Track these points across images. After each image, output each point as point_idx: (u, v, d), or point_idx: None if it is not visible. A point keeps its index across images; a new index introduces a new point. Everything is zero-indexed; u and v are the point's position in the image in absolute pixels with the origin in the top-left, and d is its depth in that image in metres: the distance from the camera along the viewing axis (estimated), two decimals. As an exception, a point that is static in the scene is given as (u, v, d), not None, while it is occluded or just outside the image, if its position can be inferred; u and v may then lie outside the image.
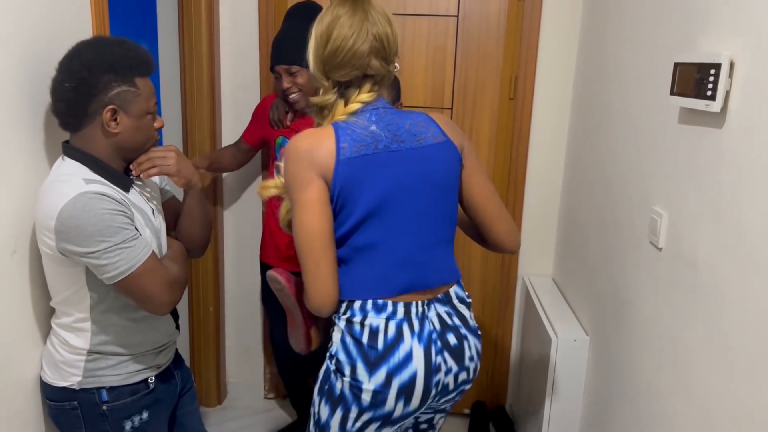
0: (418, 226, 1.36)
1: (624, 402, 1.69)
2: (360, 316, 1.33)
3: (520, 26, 2.41)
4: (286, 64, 2.09)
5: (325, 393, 1.37)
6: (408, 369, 1.30)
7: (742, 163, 1.14)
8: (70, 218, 1.22)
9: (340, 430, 1.36)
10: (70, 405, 1.39)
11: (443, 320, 1.38)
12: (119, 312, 1.39)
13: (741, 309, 1.13)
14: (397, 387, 1.30)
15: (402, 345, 1.31)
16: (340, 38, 1.30)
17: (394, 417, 1.34)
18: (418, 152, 1.35)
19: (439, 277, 1.40)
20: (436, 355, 1.34)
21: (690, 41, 1.37)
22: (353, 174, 1.29)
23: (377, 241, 1.33)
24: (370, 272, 1.34)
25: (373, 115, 1.35)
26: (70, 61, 1.29)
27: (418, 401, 1.33)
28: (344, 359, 1.32)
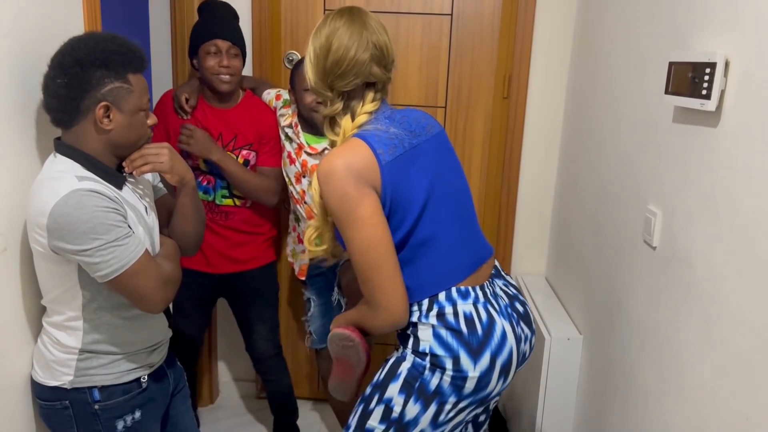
0: (456, 208, 1.41)
1: (617, 401, 1.69)
2: (450, 307, 1.33)
3: (514, 25, 2.41)
4: (231, 41, 2.03)
5: (415, 391, 1.33)
6: (506, 347, 1.34)
7: (737, 162, 1.14)
8: (63, 216, 1.21)
9: (430, 424, 1.34)
10: (61, 404, 1.38)
11: (507, 293, 1.44)
12: (112, 310, 1.37)
13: (736, 308, 1.13)
14: (499, 367, 1.33)
15: (496, 326, 1.33)
16: (341, 49, 1.32)
17: (490, 396, 1.36)
18: (432, 142, 1.41)
19: (485, 250, 1.46)
20: (517, 326, 1.39)
21: (685, 40, 1.38)
22: (398, 176, 1.31)
23: (434, 233, 1.35)
24: (439, 263, 1.35)
25: (386, 119, 1.38)
26: (62, 57, 1.28)
27: (512, 375, 1.37)
28: (443, 353, 1.31)
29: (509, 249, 2.64)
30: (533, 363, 2.20)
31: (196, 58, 2.06)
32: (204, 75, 2.05)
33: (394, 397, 1.35)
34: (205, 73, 2.04)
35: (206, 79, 2.06)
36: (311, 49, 1.37)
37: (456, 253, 1.37)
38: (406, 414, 1.34)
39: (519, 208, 2.60)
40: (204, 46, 2.01)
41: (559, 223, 2.46)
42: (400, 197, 1.31)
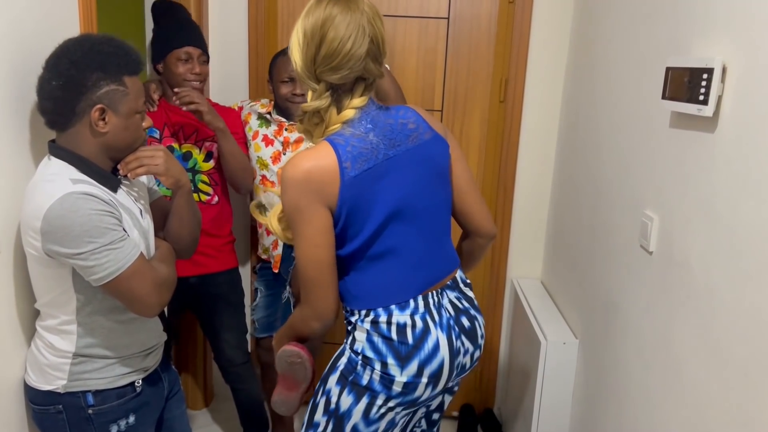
0: (425, 222, 1.38)
1: (613, 405, 1.69)
2: (385, 316, 1.35)
3: (511, 29, 2.42)
4: (202, 49, 2.05)
5: (348, 383, 1.37)
6: (437, 358, 1.36)
7: (734, 167, 1.14)
8: (57, 219, 1.20)
9: (362, 418, 1.38)
10: (54, 409, 1.37)
11: (455, 305, 1.43)
12: (106, 314, 1.36)
13: (733, 313, 1.13)
14: (427, 376, 1.35)
15: (429, 337, 1.35)
16: (336, 40, 1.23)
17: (419, 401, 1.40)
18: (414, 152, 1.35)
19: (447, 267, 1.45)
20: (456, 339, 1.40)
21: (682, 45, 1.38)
22: (360, 192, 1.28)
23: (392, 248, 1.35)
24: (389, 278, 1.36)
25: (368, 122, 1.32)
26: (57, 59, 1.27)
27: (443, 384, 1.40)
28: (373, 356, 1.35)
29: (505, 252, 2.64)
30: (529, 367, 2.20)
31: (162, 64, 2.05)
32: (172, 81, 2.05)
33: (332, 388, 1.40)
34: (174, 79, 2.04)
35: (174, 85, 2.05)
36: (301, 31, 1.27)
37: (410, 271, 1.37)
38: (341, 405, 1.38)
39: (515, 211, 2.60)
40: (175, 52, 2.01)
41: (555, 227, 2.46)
42: (358, 211, 1.30)
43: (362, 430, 1.39)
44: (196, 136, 2.13)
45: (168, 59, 2.02)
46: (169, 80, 2.06)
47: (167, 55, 2.02)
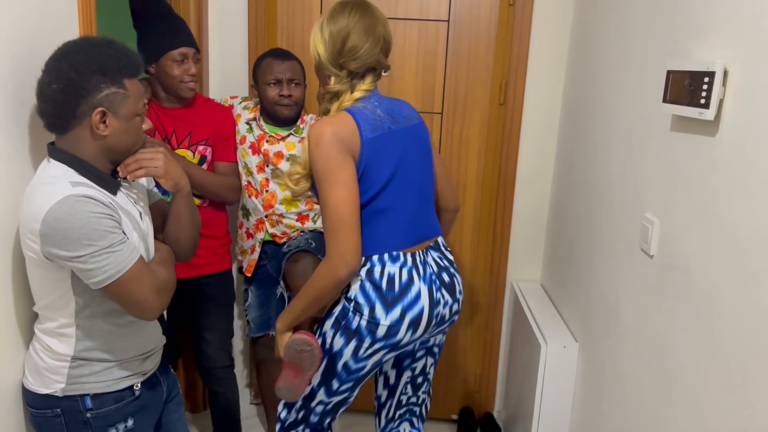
0: (417, 190, 1.65)
1: (614, 409, 1.69)
2: (379, 266, 1.57)
3: (511, 32, 2.42)
4: (195, 49, 2.01)
5: (341, 327, 1.60)
6: (418, 305, 1.58)
7: (735, 171, 1.14)
8: (56, 221, 1.19)
9: (352, 356, 1.61)
10: (53, 412, 1.36)
11: (438, 263, 1.67)
12: (105, 317, 1.36)
13: (734, 317, 1.13)
14: (408, 320, 1.57)
15: (413, 287, 1.58)
16: (358, 42, 1.54)
17: (401, 344, 1.61)
18: (409, 131, 1.64)
19: (431, 231, 1.70)
20: (437, 291, 1.62)
21: (682, 49, 1.38)
22: (374, 151, 1.53)
23: (390, 206, 1.58)
24: (386, 231, 1.58)
25: (375, 101, 1.60)
26: (57, 62, 1.26)
27: (422, 330, 1.61)
28: (363, 301, 1.57)
29: (505, 255, 2.63)
30: (529, 370, 2.19)
31: (155, 65, 1.99)
32: (166, 82, 2.01)
33: (327, 330, 1.63)
34: (170, 81, 2.00)
35: (168, 86, 2.01)
36: (327, 32, 1.56)
37: (404, 227, 1.61)
38: (334, 345, 1.61)
39: (515, 214, 2.60)
40: (170, 54, 1.96)
41: (555, 230, 2.45)
42: (371, 169, 1.53)
43: (352, 366, 1.63)
44: (190, 140, 2.10)
45: (162, 61, 1.97)
46: (163, 82, 2.02)
47: (161, 57, 1.97)
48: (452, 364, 2.80)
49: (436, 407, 2.84)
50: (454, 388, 2.82)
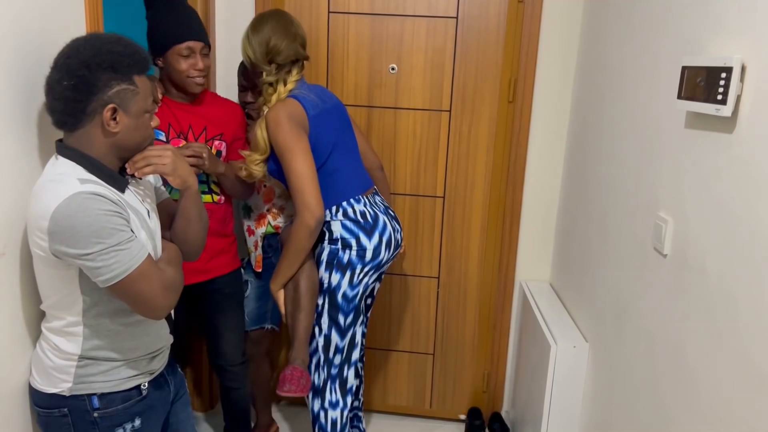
0: (352, 152, 2.07)
1: (625, 411, 1.66)
2: (350, 208, 1.98)
3: (520, 28, 2.39)
4: (204, 42, 1.97)
5: (334, 266, 1.97)
6: (387, 230, 2.01)
7: (753, 169, 1.12)
8: (65, 219, 1.18)
9: (348, 285, 1.97)
10: (59, 412, 1.35)
11: (383, 203, 2.11)
12: (112, 316, 1.35)
13: (751, 318, 1.10)
14: (385, 242, 2.00)
15: (379, 218, 2.01)
16: (277, 40, 1.92)
17: (383, 263, 2.02)
18: (336, 108, 2.03)
19: (369, 182, 2.11)
20: (391, 221, 2.06)
21: (698, 44, 1.35)
22: (318, 125, 1.91)
23: (339, 165, 1.98)
24: (343, 184, 1.98)
25: (305, 88, 1.96)
26: (68, 59, 1.25)
27: (393, 248, 2.04)
28: (348, 236, 1.96)
29: (513, 254, 2.61)
30: (538, 370, 2.17)
31: (162, 59, 1.97)
32: (175, 77, 1.98)
33: (323, 274, 1.98)
34: (177, 76, 1.97)
35: (176, 81, 1.99)
36: (254, 40, 1.93)
37: (353, 180, 2.02)
38: (332, 283, 1.97)
39: (524, 213, 2.58)
40: (176, 48, 1.93)
41: (564, 229, 2.43)
42: (318, 141, 1.91)
43: (349, 294, 1.98)
44: (206, 135, 2.08)
45: (169, 55, 1.94)
46: (171, 76, 1.99)
47: (168, 51, 1.94)
48: (461, 364, 2.78)
49: (443, 407, 2.83)
50: (463, 387, 2.81)
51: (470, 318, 2.72)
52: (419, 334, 2.77)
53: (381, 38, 2.47)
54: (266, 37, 1.91)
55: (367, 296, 2.19)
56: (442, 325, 2.74)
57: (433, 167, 2.58)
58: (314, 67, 2.52)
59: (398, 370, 2.82)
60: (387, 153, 2.58)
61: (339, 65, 2.51)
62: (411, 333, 2.76)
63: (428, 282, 2.70)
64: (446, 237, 2.65)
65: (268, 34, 1.92)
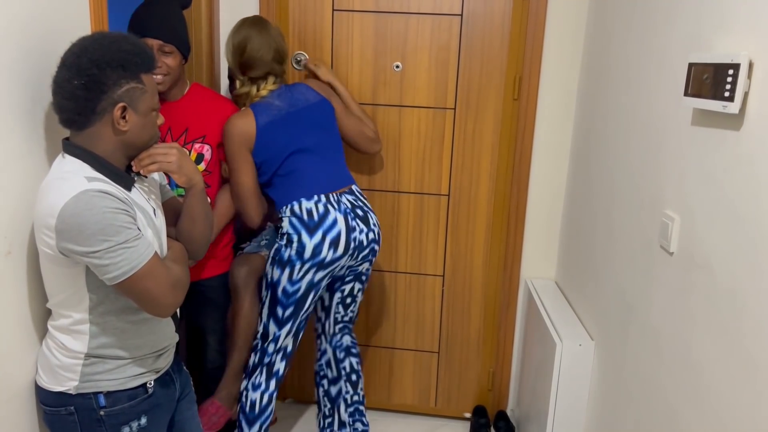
0: (322, 152, 2.11)
1: (631, 410, 1.66)
2: (297, 205, 2.04)
3: (525, 26, 2.39)
4: (162, 40, 1.87)
5: (275, 262, 2.06)
6: (335, 228, 2.03)
7: (761, 167, 1.11)
8: (72, 216, 1.19)
9: (288, 281, 2.04)
10: (66, 410, 1.36)
11: (351, 202, 2.11)
12: (119, 314, 1.35)
13: (760, 316, 1.10)
14: (329, 241, 2.02)
15: (329, 215, 2.03)
16: (253, 50, 2.03)
17: (325, 262, 2.03)
18: (307, 110, 2.10)
19: (342, 181, 2.13)
20: (352, 220, 2.07)
21: (704, 41, 1.35)
22: (270, 134, 2.03)
23: (295, 168, 2.06)
24: (297, 184, 2.06)
25: (276, 96, 2.07)
26: (77, 58, 1.25)
27: (343, 250, 2.04)
28: (292, 232, 2.03)
29: (518, 252, 2.61)
30: (543, 369, 2.17)
31: None
32: None
33: (268, 270, 2.10)
34: None
35: None
36: (231, 44, 2.04)
37: (312, 180, 2.06)
38: (273, 277, 2.07)
39: (529, 210, 2.57)
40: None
41: (570, 227, 2.43)
42: (269, 148, 2.04)
43: (289, 290, 2.05)
44: (186, 137, 2.03)
45: None
46: None
47: None
48: (465, 362, 2.78)
49: (448, 405, 2.83)
50: (468, 386, 2.80)
51: (475, 316, 2.72)
52: (424, 333, 2.77)
53: (385, 36, 2.47)
54: (243, 44, 2.02)
55: (346, 296, 2.27)
56: (447, 323, 2.74)
57: (437, 165, 2.57)
58: (319, 66, 2.52)
59: (403, 369, 2.82)
60: (391, 151, 2.58)
61: (343, 63, 2.51)
62: (416, 331, 2.76)
63: (433, 280, 2.70)
64: (451, 235, 2.64)
65: (245, 41, 2.01)
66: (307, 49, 2.50)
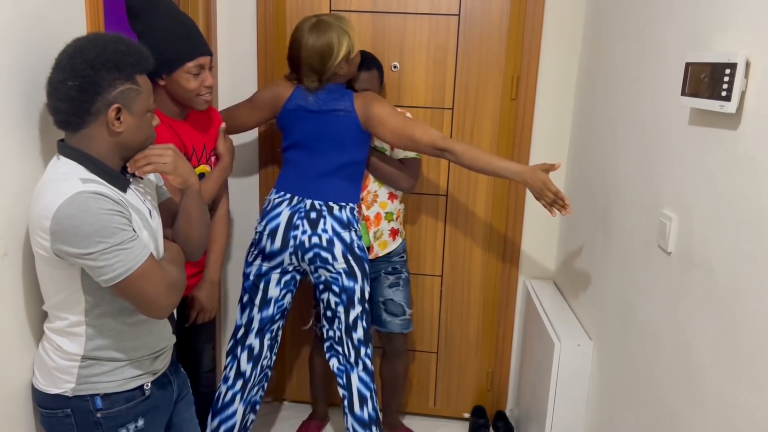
0: (314, 163, 2.12)
1: (630, 410, 1.66)
2: (269, 197, 2.16)
3: (523, 25, 2.38)
4: (211, 55, 1.80)
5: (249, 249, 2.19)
6: (276, 221, 2.09)
7: (758, 166, 1.11)
8: (67, 218, 1.18)
9: (245, 263, 2.18)
10: (63, 413, 1.35)
11: (314, 206, 2.09)
12: (115, 316, 1.34)
13: (757, 316, 1.10)
14: (268, 231, 2.10)
15: (278, 209, 2.10)
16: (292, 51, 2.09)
17: (266, 252, 2.11)
18: (323, 118, 2.08)
19: (323, 194, 2.11)
20: (297, 219, 2.08)
21: (702, 40, 1.34)
22: (288, 116, 2.12)
23: (292, 160, 2.15)
24: (285, 176, 2.15)
25: (317, 92, 2.09)
26: (71, 59, 1.24)
27: (280, 243, 2.09)
28: (258, 218, 2.18)
29: (517, 252, 2.60)
30: (542, 368, 2.16)
31: (166, 76, 1.74)
32: (180, 95, 1.79)
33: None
34: (184, 95, 1.78)
35: (181, 99, 1.80)
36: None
37: (296, 179, 2.12)
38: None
39: (527, 210, 2.57)
40: (187, 66, 1.74)
41: (568, 227, 2.42)
42: (285, 128, 2.14)
43: (244, 271, 2.17)
44: (206, 153, 1.96)
45: (177, 74, 1.74)
46: (175, 94, 1.80)
47: (176, 70, 1.74)
48: (464, 362, 2.77)
49: (447, 405, 2.82)
50: (466, 386, 2.80)
51: (474, 316, 2.71)
52: (423, 333, 2.76)
53: (383, 36, 2.46)
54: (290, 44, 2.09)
55: (325, 308, 2.16)
56: (446, 323, 2.74)
57: (436, 165, 2.57)
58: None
59: (402, 369, 2.81)
60: (389, 151, 2.57)
61: (341, 63, 2.50)
62: (415, 331, 2.76)
63: (431, 280, 2.70)
64: (449, 235, 2.64)
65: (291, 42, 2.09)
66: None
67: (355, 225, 2.13)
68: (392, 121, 2.03)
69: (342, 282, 2.11)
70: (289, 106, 2.09)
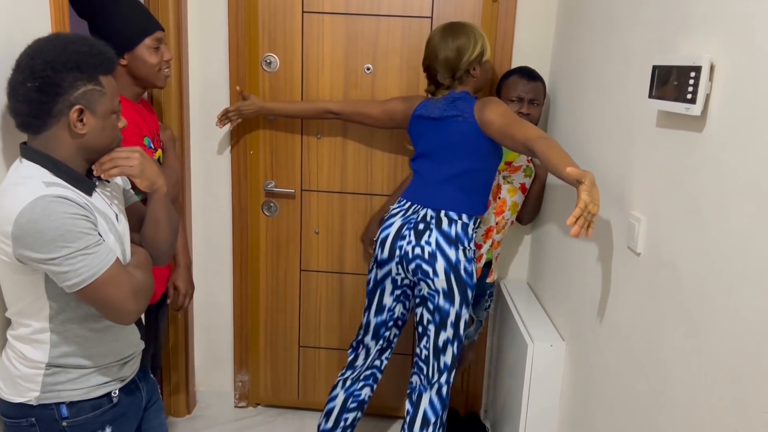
0: (434, 168, 2.10)
1: (602, 408, 1.67)
2: (392, 207, 2.19)
3: (495, 28, 2.39)
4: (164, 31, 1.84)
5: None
6: (387, 230, 2.11)
7: (723, 167, 1.13)
8: (29, 223, 1.15)
9: (370, 269, 2.20)
10: (27, 422, 1.32)
11: (425, 218, 2.06)
12: (80, 322, 1.32)
13: (723, 315, 1.11)
14: (380, 239, 2.12)
15: (393, 219, 2.12)
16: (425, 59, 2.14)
17: (378, 260, 2.14)
18: (443, 124, 2.07)
19: (437, 202, 2.07)
20: (406, 229, 2.08)
21: (668, 43, 1.36)
22: (415, 125, 2.17)
23: (416, 169, 2.17)
24: (408, 187, 2.17)
25: (443, 98, 2.09)
26: (31, 60, 1.22)
27: (388, 252, 2.10)
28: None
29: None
30: (515, 369, 2.17)
31: (129, 55, 1.77)
32: (143, 72, 1.80)
33: None
34: (148, 70, 1.80)
35: (144, 76, 1.82)
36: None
37: (417, 187, 2.13)
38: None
39: (500, 212, 2.58)
40: (147, 40, 1.77)
41: (540, 228, 2.44)
42: (413, 136, 2.19)
43: (368, 276, 2.20)
44: (157, 136, 1.96)
45: (138, 50, 1.77)
46: (138, 73, 1.81)
47: (137, 45, 1.77)
48: (439, 364, 2.77)
49: (422, 407, 2.82)
50: (441, 387, 2.80)
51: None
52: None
53: (356, 38, 2.46)
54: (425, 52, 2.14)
55: (417, 322, 2.13)
56: (421, 325, 2.73)
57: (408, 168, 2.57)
58: (289, 68, 2.50)
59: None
60: (363, 154, 2.57)
61: (314, 65, 2.49)
62: (389, 334, 2.75)
63: (406, 282, 2.69)
64: (423, 237, 2.64)
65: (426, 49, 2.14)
66: (277, 51, 2.48)
67: (465, 243, 2.04)
68: (499, 121, 1.93)
69: (438, 301, 2.03)
70: (416, 113, 2.14)
